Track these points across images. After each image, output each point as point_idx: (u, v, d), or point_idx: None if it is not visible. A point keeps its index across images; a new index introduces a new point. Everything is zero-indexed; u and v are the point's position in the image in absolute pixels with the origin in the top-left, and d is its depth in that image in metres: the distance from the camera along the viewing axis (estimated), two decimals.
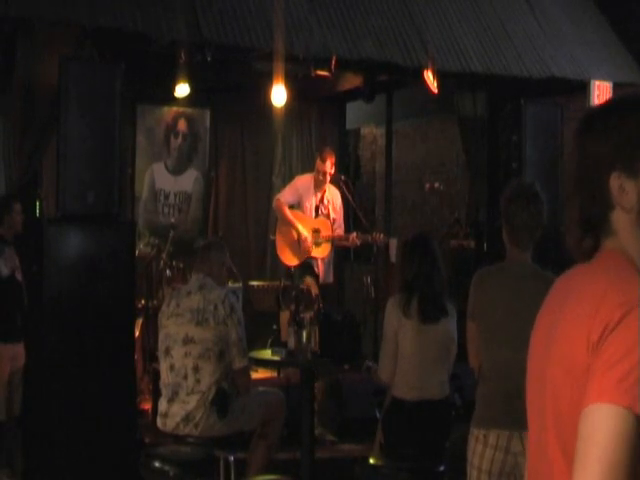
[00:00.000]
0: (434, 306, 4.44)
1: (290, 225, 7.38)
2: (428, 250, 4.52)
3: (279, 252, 7.54)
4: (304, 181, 7.53)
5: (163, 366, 4.62)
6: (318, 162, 7.39)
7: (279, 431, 4.85)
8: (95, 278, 5.31)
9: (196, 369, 4.46)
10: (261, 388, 5.09)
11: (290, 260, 7.43)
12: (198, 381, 4.45)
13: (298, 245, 7.38)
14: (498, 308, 3.32)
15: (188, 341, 4.50)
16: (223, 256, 4.81)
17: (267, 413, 4.74)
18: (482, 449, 3.25)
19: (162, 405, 4.59)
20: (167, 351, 4.59)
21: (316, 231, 7.41)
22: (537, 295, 3.23)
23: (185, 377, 4.48)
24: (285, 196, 7.47)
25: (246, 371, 4.74)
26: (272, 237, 7.97)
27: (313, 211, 7.45)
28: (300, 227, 7.35)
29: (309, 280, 7.17)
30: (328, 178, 7.40)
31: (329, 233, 7.41)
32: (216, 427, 4.48)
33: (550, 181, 6.82)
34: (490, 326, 3.33)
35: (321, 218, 7.44)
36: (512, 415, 3.24)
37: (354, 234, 7.36)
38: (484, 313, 3.35)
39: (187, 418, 4.45)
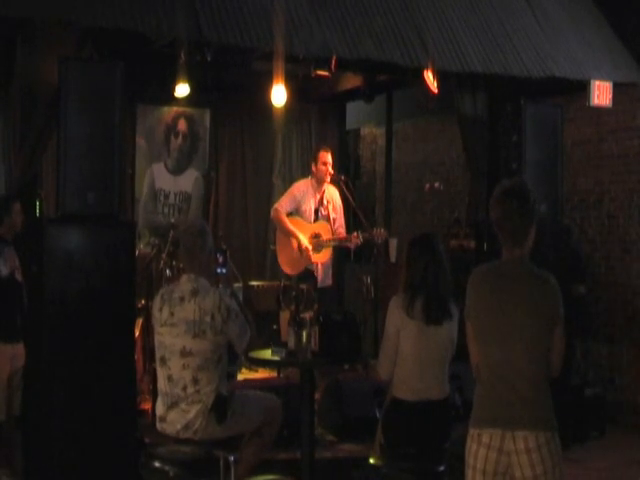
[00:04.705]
0: (438, 308, 4.43)
1: (290, 235, 7.35)
2: (435, 252, 4.50)
3: (280, 261, 7.47)
4: (300, 186, 7.47)
5: (160, 374, 4.55)
6: (321, 153, 7.32)
7: (274, 434, 4.81)
8: (95, 278, 5.30)
9: (195, 381, 4.39)
10: (259, 392, 5.05)
11: (291, 269, 7.37)
12: (198, 392, 4.40)
13: (299, 254, 7.33)
14: (491, 307, 3.32)
15: (186, 354, 4.40)
16: (207, 248, 4.60)
17: (265, 417, 4.72)
18: (476, 448, 3.26)
19: (160, 409, 4.54)
20: (163, 360, 4.50)
21: (316, 236, 7.37)
22: (531, 294, 3.28)
23: (184, 388, 4.41)
24: (283, 205, 7.39)
25: (248, 349, 4.72)
26: (272, 247, 7.94)
27: (313, 214, 7.40)
28: (301, 237, 7.31)
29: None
30: (329, 173, 7.34)
31: (329, 236, 7.38)
32: (215, 432, 4.45)
33: (550, 181, 6.83)
34: (483, 325, 3.34)
35: (321, 222, 7.41)
36: (505, 414, 3.24)
37: (355, 234, 7.33)
38: (478, 312, 3.35)
39: (187, 426, 4.42)
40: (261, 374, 7.20)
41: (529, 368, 3.26)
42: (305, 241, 7.29)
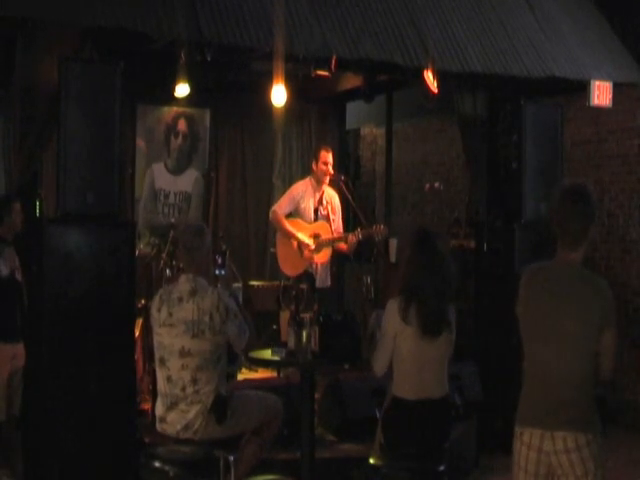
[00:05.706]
0: (435, 320, 4.37)
1: (290, 236, 7.34)
2: (436, 252, 4.42)
3: (280, 264, 7.44)
4: (299, 187, 7.45)
5: (159, 375, 4.56)
6: (322, 153, 7.30)
7: (274, 434, 4.81)
8: (95, 278, 5.31)
9: (194, 381, 4.40)
10: (260, 392, 5.06)
11: (292, 270, 7.34)
12: (197, 392, 4.41)
13: (299, 254, 7.31)
14: (538, 308, 3.32)
15: (185, 354, 4.41)
16: (206, 248, 4.61)
17: (266, 416, 4.72)
18: (519, 447, 3.30)
19: (159, 410, 4.54)
20: (162, 361, 4.50)
21: (316, 236, 7.36)
22: (579, 297, 3.26)
23: (183, 389, 4.42)
24: (281, 206, 7.37)
25: (247, 347, 4.71)
26: (272, 250, 7.93)
27: (312, 213, 7.39)
28: (300, 235, 7.29)
29: None
30: (329, 173, 7.33)
31: (329, 236, 7.37)
32: (215, 432, 4.45)
33: (550, 181, 6.81)
34: (530, 325, 3.34)
35: (320, 222, 7.39)
36: (545, 414, 3.24)
37: (354, 232, 7.27)
38: (526, 311, 3.36)
39: (186, 426, 4.42)
40: (261, 374, 7.20)
41: (571, 370, 3.25)
42: (306, 238, 7.27)
